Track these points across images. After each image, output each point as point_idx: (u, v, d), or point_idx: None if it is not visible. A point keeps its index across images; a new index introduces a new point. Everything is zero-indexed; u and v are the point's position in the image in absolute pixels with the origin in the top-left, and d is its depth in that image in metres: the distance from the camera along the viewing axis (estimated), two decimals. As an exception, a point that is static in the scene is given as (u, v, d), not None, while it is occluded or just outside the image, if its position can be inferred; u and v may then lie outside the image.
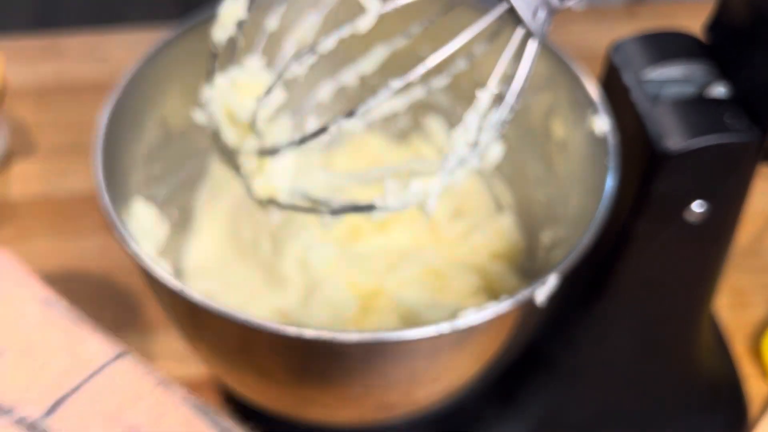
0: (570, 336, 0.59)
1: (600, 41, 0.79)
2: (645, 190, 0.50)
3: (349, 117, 0.41)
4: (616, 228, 0.52)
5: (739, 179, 0.51)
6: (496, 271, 0.62)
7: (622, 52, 0.53)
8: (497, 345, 0.50)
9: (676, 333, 0.59)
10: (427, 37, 0.53)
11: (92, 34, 0.87)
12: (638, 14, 0.92)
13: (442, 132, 0.68)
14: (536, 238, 0.63)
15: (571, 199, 0.58)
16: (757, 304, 0.71)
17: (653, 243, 0.53)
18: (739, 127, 0.49)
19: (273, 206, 0.47)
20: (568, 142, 0.58)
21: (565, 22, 0.89)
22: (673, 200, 0.51)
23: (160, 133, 0.58)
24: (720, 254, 0.55)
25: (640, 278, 0.55)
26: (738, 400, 0.65)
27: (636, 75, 0.52)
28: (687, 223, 0.51)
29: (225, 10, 0.47)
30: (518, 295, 0.46)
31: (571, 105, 0.56)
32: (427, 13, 0.49)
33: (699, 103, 0.50)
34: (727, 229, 0.54)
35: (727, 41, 0.51)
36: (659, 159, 0.49)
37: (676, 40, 0.53)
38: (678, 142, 0.48)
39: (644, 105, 0.50)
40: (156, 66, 0.56)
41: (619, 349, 0.59)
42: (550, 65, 0.57)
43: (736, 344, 0.68)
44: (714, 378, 0.65)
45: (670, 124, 0.49)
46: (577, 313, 0.58)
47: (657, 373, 0.61)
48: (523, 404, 0.61)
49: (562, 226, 0.59)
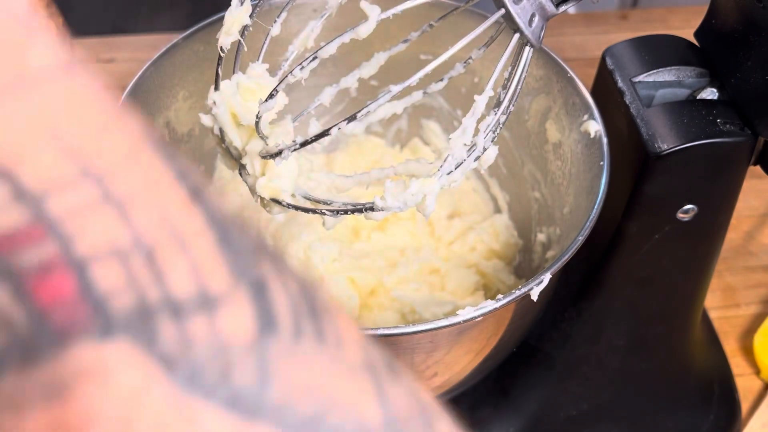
0: (564, 333, 0.59)
1: (594, 45, 0.80)
2: (638, 190, 0.51)
3: (350, 120, 0.42)
4: (610, 228, 0.53)
5: (730, 180, 0.52)
6: (492, 269, 0.63)
7: (615, 56, 0.53)
8: (494, 341, 0.51)
9: (669, 331, 0.60)
10: (425, 43, 0.53)
11: (98, 37, 0.88)
12: (631, 18, 0.92)
13: (439, 134, 0.68)
14: (532, 238, 0.64)
15: (566, 200, 0.58)
16: (748, 302, 0.72)
17: (646, 242, 0.53)
18: (730, 129, 0.49)
19: (276, 206, 0.47)
20: (562, 143, 0.58)
21: (559, 27, 0.89)
22: (665, 200, 0.51)
23: (166, 136, 0.59)
24: (711, 253, 0.56)
25: (634, 277, 0.55)
26: (730, 397, 0.65)
27: (629, 78, 0.52)
28: (679, 222, 0.52)
29: (230, 16, 0.47)
30: (514, 293, 0.46)
31: (566, 108, 0.57)
32: (426, 18, 0.49)
33: (691, 105, 0.50)
34: (718, 228, 0.54)
35: (719, 45, 0.51)
36: (652, 160, 0.49)
37: (669, 44, 0.54)
38: (670, 144, 0.49)
39: (637, 107, 0.51)
40: (162, 70, 0.56)
41: (612, 347, 0.59)
42: (545, 69, 0.57)
43: (727, 342, 0.69)
44: (706, 375, 0.65)
45: (663, 126, 0.50)
46: (571, 311, 0.58)
47: (650, 370, 0.61)
48: (517, 400, 0.62)
49: (557, 225, 0.60)
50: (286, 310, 0.23)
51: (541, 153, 0.61)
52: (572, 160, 0.57)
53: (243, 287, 0.23)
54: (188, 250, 0.22)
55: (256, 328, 0.22)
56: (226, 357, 0.22)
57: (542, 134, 0.60)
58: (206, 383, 0.21)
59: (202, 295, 0.22)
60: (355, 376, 0.24)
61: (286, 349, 0.22)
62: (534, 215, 0.63)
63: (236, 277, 0.22)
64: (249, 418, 0.21)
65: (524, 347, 0.57)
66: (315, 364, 0.23)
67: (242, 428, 0.21)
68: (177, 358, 0.21)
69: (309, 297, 0.24)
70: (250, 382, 0.22)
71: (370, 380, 0.24)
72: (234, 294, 0.22)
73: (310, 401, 0.22)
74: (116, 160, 0.22)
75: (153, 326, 0.21)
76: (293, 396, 0.22)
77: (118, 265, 0.21)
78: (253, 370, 0.22)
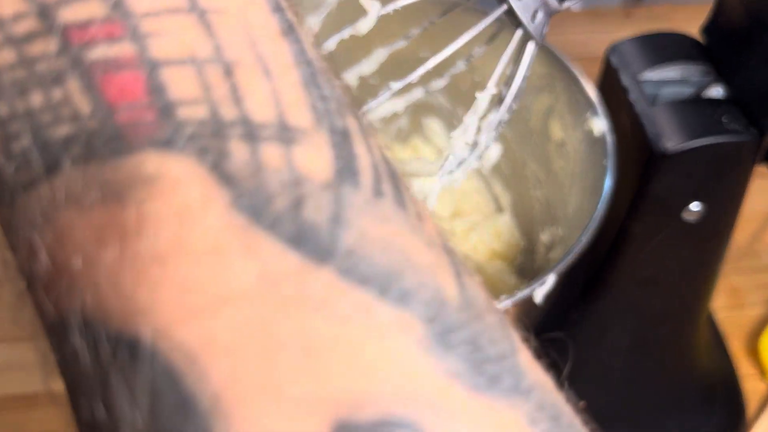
0: (567, 335, 0.59)
1: (598, 42, 0.79)
2: (643, 190, 0.51)
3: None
4: (615, 228, 0.53)
5: (737, 179, 0.51)
6: (495, 271, 0.62)
7: (620, 54, 0.53)
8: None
9: (674, 332, 0.59)
10: (426, 39, 0.53)
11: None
12: (636, 16, 0.92)
13: (441, 132, 0.68)
14: (535, 238, 0.63)
15: (570, 199, 0.58)
16: (754, 303, 0.71)
17: (651, 242, 0.53)
18: (736, 127, 0.49)
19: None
20: (566, 142, 0.58)
21: (563, 24, 0.89)
22: (670, 200, 0.51)
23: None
24: (717, 254, 0.55)
25: (638, 278, 0.55)
26: (735, 399, 0.65)
27: (634, 76, 0.52)
28: (685, 222, 0.51)
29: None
30: (517, 295, 0.46)
31: (570, 106, 0.56)
32: (427, 14, 0.49)
33: (696, 104, 0.50)
34: (724, 228, 0.54)
35: (724, 43, 0.51)
36: (657, 159, 0.49)
37: (674, 41, 0.53)
38: (676, 143, 0.48)
39: (642, 106, 0.50)
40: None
41: (617, 348, 0.59)
42: (548, 66, 0.57)
43: (733, 343, 0.68)
44: (711, 377, 0.65)
45: (668, 124, 0.49)
46: (576, 312, 0.58)
47: (655, 372, 0.61)
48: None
49: (561, 225, 0.59)
50: (368, 165, 0.21)
51: (544, 152, 0.61)
52: (576, 159, 0.56)
53: (325, 131, 0.21)
54: (272, 79, 0.21)
55: (335, 172, 0.20)
56: (298, 189, 0.19)
57: (545, 133, 0.60)
58: (272, 213, 0.19)
59: (282, 125, 0.20)
60: (435, 251, 0.21)
61: (365, 201, 0.20)
62: (537, 215, 0.63)
63: (319, 120, 0.21)
64: (314, 259, 0.19)
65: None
66: (394, 225, 0.20)
67: (305, 268, 0.19)
68: (243, 180, 0.19)
69: (391, 165, 0.22)
70: (321, 221, 0.19)
71: (448, 261, 0.21)
72: (315, 134, 0.20)
73: (385, 255, 0.20)
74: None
75: (223, 144, 0.19)
76: (367, 246, 0.19)
77: (193, 73, 0.20)
78: (327, 209, 0.19)
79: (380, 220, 0.20)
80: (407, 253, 0.20)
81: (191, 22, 0.21)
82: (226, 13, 0.21)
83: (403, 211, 0.21)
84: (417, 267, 0.20)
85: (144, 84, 0.20)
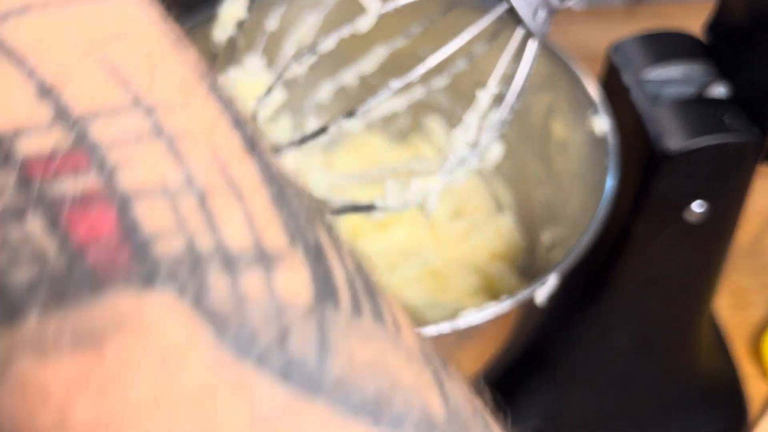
0: (570, 336, 0.59)
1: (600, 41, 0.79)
2: (645, 190, 0.50)
3: (350, 117, 0.41)
4: (616, 228, 0.52)
5: (739, 179, 0.51)
6: (496, 271, 0.62)
7: (621, 52, 0.53)
8: (497, 344, 0.50)
9: (676, 333, 0.59)
10: (427, 37, 0.53)
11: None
12: (638, 14, 0.92)
13: (442, 132, 0.68)
14: (536, 238, 0.63)
15: (571, 199, 0.58)
16: (757, 304, 0.71)
17: (653, 243, 0.53)
18: (738, 127, 0.49)
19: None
20: (568, 142, 0.58)
21: (564, 23, 0.89)
22: (672, 200, 0.51)
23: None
24: (720, 254, 0.55)
25: (640, 278, 0.55)
26: (738, 401, 0.65)
27: (636, 75, 0.52)
28: (687, 223, 0.51)
29: (225, 10, 0.47)
30: (518, 295, 0.46)
31: (571, 105, 0.56)
32: (427, 13, 0.49)
33: (699, 103, 0.50)
34: (726, 228, 0.54)
35: (727, 42, 0.51)
36: (659, 159, 0.49)
37: (676, 40, 0.53)
38: (678, 142, 0.48)
39: (644, 105, 0.50)
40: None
41: (618, 349, 0.59)
42: (550, 65, 0.57)
43: (736, 344, 0.68)
44: (714, 378, 0.65)
45: (670, 124, 0.49)
46: (577, 313, 0.58)
47: (657, 373, 0.61)
48: (522, 404, 0.61)
49: (562, 226, 0.59)
50: (343, 281, 0.20)
51: (546, 151, 0.61)
52: (577, 159, 0.56)
53: (300, 249, 0.20)
54: (244, 202, 0.20)
55: (314, 294, 0.20)
56: (282, 320, 0.19)
57: (546, 132, 0.60)
58: (258, 347, 0.18)
59: (259, 250, 0.19)
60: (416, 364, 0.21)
61: (346, 322, 0.20)
62: (538, 215, 0.63)
63: (293, 238, 0.20)
64: (305, 393, 0.18)
65: (529, 351, 0.57)
66: (376, 344, 0.20)
67: (298, 404, 0.18)
68: (228, 316, 0.18)
69: (364, 274, 0.21)
70: (308, 351, 0.19)
71: (429, 371, 0.21)
72: (291, 254, 0.20)
73: (373, 381, 0.19)
74: (171, 93, 0.20)
75: (203, 278, 0.19)
76: (355, 373, 0.19)
77: (166, 204, 0.19)
78: (312, 338, 0.19)
79: (363, 338, 0.20)
80: (393, 375, 0.20)
81: (160, 150, 0.20)
82: (191, 135, 0.20)
83: (382, 325, 0.21)
84: (403, 388, 0.20)
85: (115, 220, 0.19)
